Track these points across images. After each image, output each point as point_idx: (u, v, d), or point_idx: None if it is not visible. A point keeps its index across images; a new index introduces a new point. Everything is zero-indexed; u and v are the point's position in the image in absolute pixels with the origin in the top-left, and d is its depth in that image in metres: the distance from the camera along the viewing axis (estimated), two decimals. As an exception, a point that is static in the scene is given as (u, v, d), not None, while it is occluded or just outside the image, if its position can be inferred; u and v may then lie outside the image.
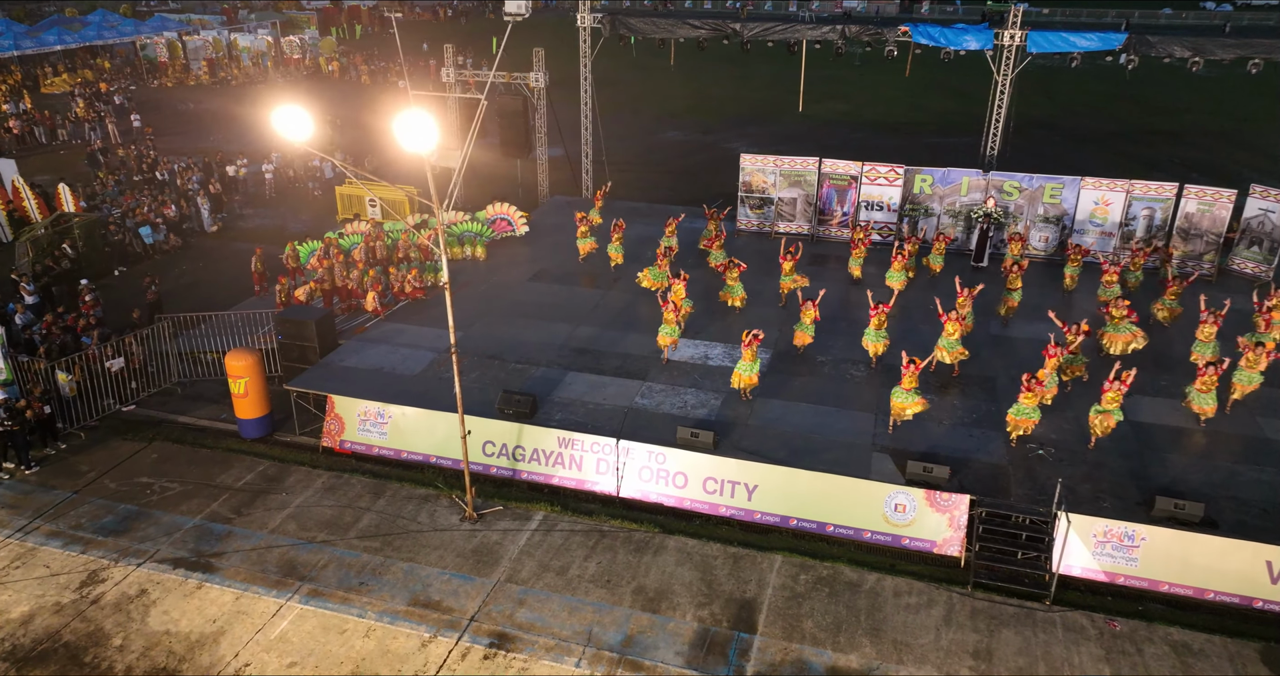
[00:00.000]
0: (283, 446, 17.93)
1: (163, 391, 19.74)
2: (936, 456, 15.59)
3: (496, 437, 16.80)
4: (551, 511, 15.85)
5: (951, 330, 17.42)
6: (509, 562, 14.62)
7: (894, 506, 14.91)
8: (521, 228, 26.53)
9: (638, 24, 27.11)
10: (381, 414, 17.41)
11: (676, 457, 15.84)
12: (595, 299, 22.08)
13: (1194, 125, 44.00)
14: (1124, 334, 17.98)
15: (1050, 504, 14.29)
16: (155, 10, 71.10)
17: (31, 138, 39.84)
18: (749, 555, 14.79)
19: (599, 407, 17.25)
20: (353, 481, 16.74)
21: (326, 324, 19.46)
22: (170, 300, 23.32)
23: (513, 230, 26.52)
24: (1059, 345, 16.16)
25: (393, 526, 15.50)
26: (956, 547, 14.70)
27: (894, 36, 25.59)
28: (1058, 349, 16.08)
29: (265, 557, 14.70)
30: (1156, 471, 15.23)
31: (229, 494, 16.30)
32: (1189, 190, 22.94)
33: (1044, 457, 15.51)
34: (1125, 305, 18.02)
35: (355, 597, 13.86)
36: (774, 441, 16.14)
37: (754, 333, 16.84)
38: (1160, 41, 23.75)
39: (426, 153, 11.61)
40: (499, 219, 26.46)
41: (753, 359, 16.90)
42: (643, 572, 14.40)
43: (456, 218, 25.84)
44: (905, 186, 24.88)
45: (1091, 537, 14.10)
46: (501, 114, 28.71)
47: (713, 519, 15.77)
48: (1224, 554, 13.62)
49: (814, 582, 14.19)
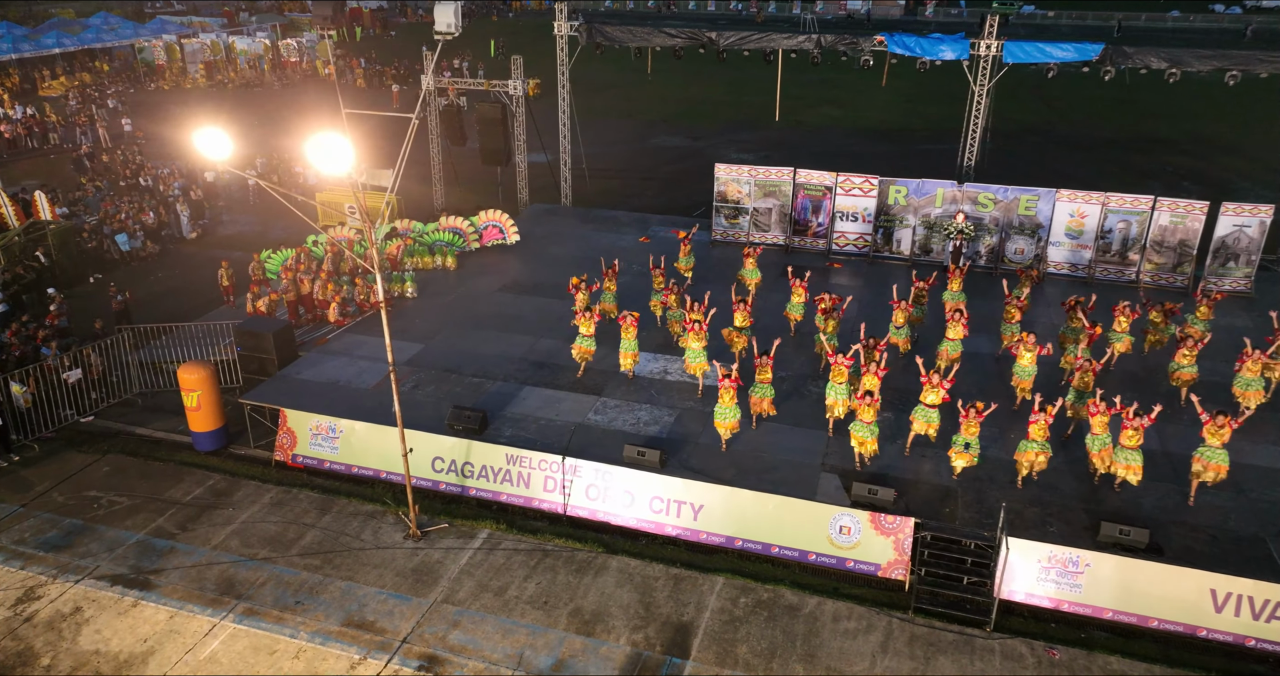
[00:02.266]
0: (236, 460, 17.88)
1: (123, 402, 19.72)
2: (886, 478, 15.41)
3: (445, 454, 16.70)
4: (497, 529, 15.73)
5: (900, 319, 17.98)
6: (448, 582, 14.51)
7: (839, 528, 14.73)
8: (513, 236, 26.33)
9: (614, 32, 26.97)
10: (333, 428, 17.34)
11: (623, 476, 15.70)
12: (561, 310, 21.89)
13: (1191, 131, 43.51)
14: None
15: (996, 528, 14.07)
16: (158, 13, 71.50)
17: (24, 141, 39.96)
18: (690, 577, 14.64)
19: (550, 423, 17.13)
20: (301, 496, 16.66)
21: (285, 336, 19.42)
22: (142, 308, 23.34)
23: (504, 238, 26.32)
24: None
25: (335, 544, 15.41)
26: (901, 571, 14.50)
27: (870, 46, 25.36)
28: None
29: (204, 575, 14.64)
30: (1108, 495, 14.99)
31: (176, 508, 16.25)
32: (1161, 202, 22.62)
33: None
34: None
35: (290, 617, 13.78)
36: (723, 460, 15.99)
37: (730, 373, 15.97)
38: (1137, 52, 23.47)
39: (345, 174, 11.51)
40: (490, 225, 26.32)
41: (731, 403, 16.00)
42: (581, 594, 14.27)
43: (450, 222, 25.82)
44: (880, 197, 24.65)
45: (1036, 563, 13.88)
46: (481, 121, 28.68)
47: (659, 538, 15.63)
48: (1168, 581, 13.39)
49: (753, 606, 14.02)
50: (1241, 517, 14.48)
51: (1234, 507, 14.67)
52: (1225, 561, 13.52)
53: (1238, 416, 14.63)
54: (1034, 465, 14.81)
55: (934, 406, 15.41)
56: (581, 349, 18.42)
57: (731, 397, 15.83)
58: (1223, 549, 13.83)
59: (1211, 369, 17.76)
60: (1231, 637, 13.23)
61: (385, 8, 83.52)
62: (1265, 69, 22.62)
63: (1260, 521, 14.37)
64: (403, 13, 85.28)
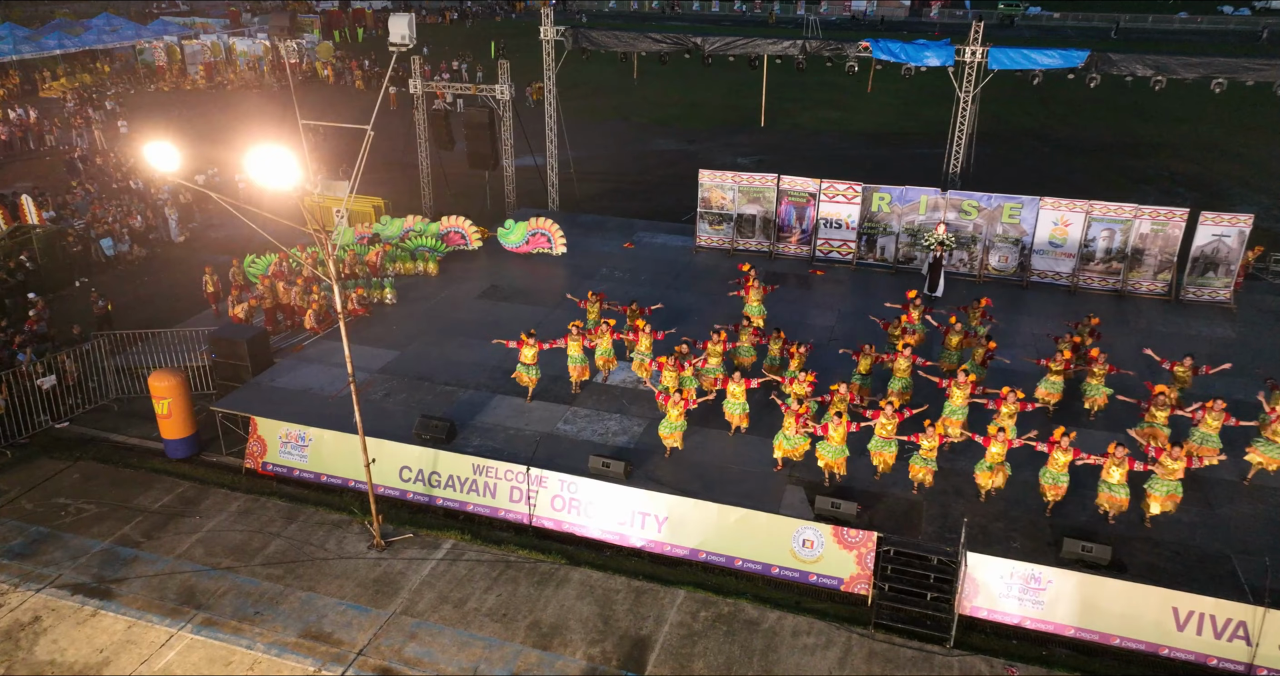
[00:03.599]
0: (207, 467, 17.90)
1: (99, 408, 19.76)
2: (851, 491, 15.31)
3: (413, 463, 16.67)
4: (461, 539, 15.69)
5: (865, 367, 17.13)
6: (409, 593, 14.48)
7: (802, 542, 14.64)
8: (560, 247, 25.68)
9: (600, 37, 26.92)
10: (302, 436, 17.34)
11: (588, 487, 15.65)
12: (539, 317, 21.88)
13: (1189, 136, 43.21)
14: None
15: (959, 543, 13.96)
16: (162, 13, 71.77)
17: (21, 143, 40.14)
18: (652, 589, 14.57)
19: (519, 433, 17.08)
20: (268, 505, 16.65)
21: (259, 343, 19.42)
22: (126, 313, 23.39)
23: (550, 248, 25.75)
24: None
25: (299, 553, 15.39)
26: (864, 585, 14.41)
27: (855, 52, 25.22)
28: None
29: (166, 584, 14.64)
30: (1075, 510, 14.84)
31: (143, 516, 16.27)
32: (1142, 210, 22.42)
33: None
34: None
35: (247, 628, 13.77)
36: (689, 471, 15.91)
37: (688, 395, 16.05)
38: (1122, 60, 23.26)
39: (291, 188, 11.48)
40: (538, 234, 25.72)
41: (679, 418, 16.04)
42: (541, 606, 14.21)
43: (452, 222, 25.77)
44: (864, 204, 24.52)
45: (998, 579, 13.77)
46: (468, 126, 28.65)
47: (624, 550, 15.57)
48: (1130, 599, 13.27)
49: (713, 620, 13.94)
50: (1207, 534, 14.33)
51: (1200, 524, 14.52)
52: (1189, 579, 13.39)
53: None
54: (993, 484, 14.69)
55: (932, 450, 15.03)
56: (577, 368, 18.12)
57: (680, 413, 15.76)
58: (1187, 566, 13.69)
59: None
60: (1194, 656, 13.10)
61: (389, 8, 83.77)
62: (1251, 77, 22.40)
63: (1226, 538, 14.22)
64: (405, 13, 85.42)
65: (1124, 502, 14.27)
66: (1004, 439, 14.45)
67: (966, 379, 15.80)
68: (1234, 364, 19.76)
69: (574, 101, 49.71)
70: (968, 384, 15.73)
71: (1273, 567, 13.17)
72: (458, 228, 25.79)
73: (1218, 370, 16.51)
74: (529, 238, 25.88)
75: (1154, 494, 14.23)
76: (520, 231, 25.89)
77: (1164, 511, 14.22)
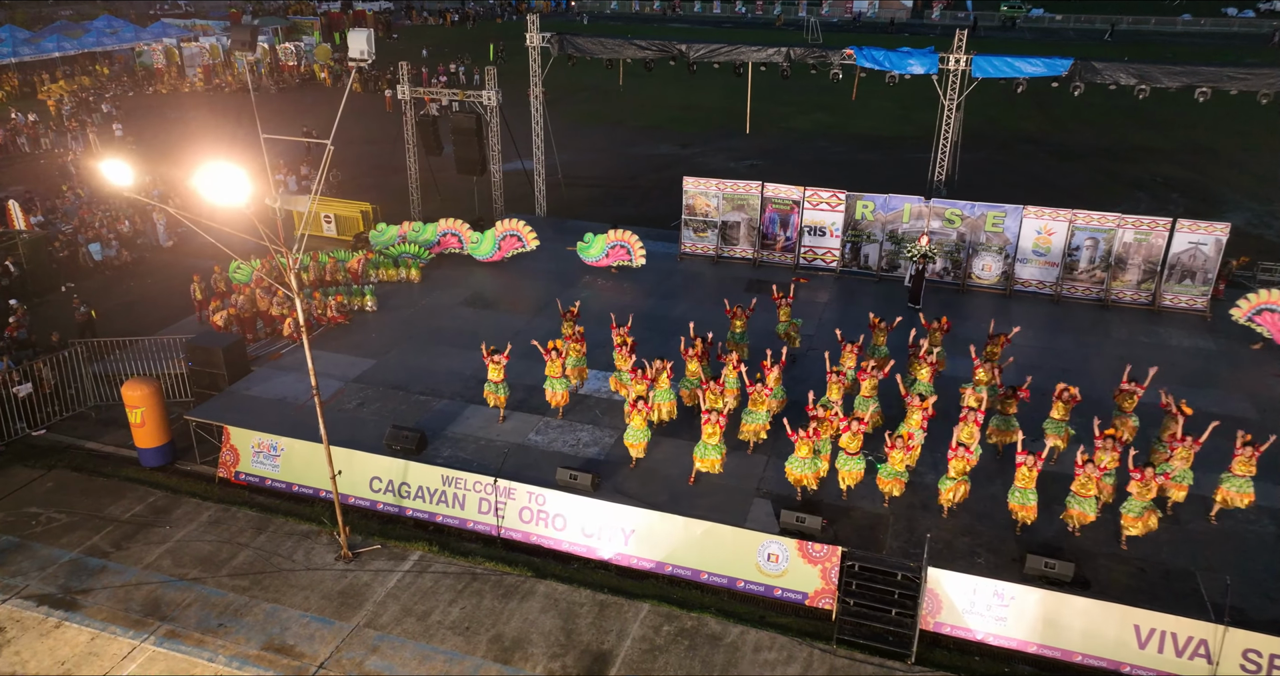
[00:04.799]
0: (181, 476, 17.93)
1: (76, 415, 19.82)
2: (818, 505, 15.28)
3: (383, 473, 16.69)
4: (429, 551, 15.69)
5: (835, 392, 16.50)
6: (373, 606, 14.49)
7: (767, 556, 14.61)
8: (532, 243, 25.66)
9: (585, 44, 26.91)
10: (274, 446, 17.37)
11: (555, 499, 15.65)
12: (519, 325, 21.89)
13: (1186, 141, 42.98)
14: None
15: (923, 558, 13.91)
16: (163, 14, 72.02)
17: (14, 147, 40.31)
18: (616, 603, 14.55)
19: (490, 444, 17.08)
20: (239, 515, 16.68)
21: (236, 351, 19.46)
22: (111, 318, 23.46)
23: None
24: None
25: (267, 564, 15.42)
26: (829, 600, 14.37)
27: (839, 60, 25.16)
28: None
29: (132, 595, 14.68)
30: (1042, 525, 14.76)
31: (114, 526, 16.31)
32: (1125, 219, 22.32)
33: None
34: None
35: (211, 640, 13.79)
36: (657, 484, 15.90)
37: (643, 400, 15.97)
38: (1105, 68, 23.16)
39: (241, 205, 11.49)
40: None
41: (642, 426, 15.97)
42: (504, 620, 14.21)
43: (458, 227, 25.72)
44: (847, 212, 24.46)
45: (961, 594, 13.72)
46: (455, 131, 28.68)
47: (591, 562, 15.55)
48: (1092, 616, 13.20)
49: (675, 634, 13.92)
50: (1174, 550, 14.26)
51: (1167, 540, 14.44)
52: (1152, 596, 13.33)
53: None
54: (956, 497, 14.65)
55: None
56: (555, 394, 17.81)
57: (642, 421, 15.75)
58: (1150, 583, 13.62)
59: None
60: (1155, 674, 13.02)
61: (391, 9, 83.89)
62: (1235, 86, 22.28)
63: (1192, 554, 14.15)
64: (407, 15, 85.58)
65: (1090, 516, 14.22)
66: (964, 455, 14.40)
67: (923, 403, 15.74)
68: (1210, 375, 19.80)
69: (572, 106, 49.90)
70: (925, 407, 15.67)
71: (1233, 586, 13.11)
72: (514, 231, 25.44)
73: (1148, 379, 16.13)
74: (501, 239, 25.77)
75: (1128, 515, 14.15)
76: (600, 244, 25.43)
77: (1146, 531, 14.11)
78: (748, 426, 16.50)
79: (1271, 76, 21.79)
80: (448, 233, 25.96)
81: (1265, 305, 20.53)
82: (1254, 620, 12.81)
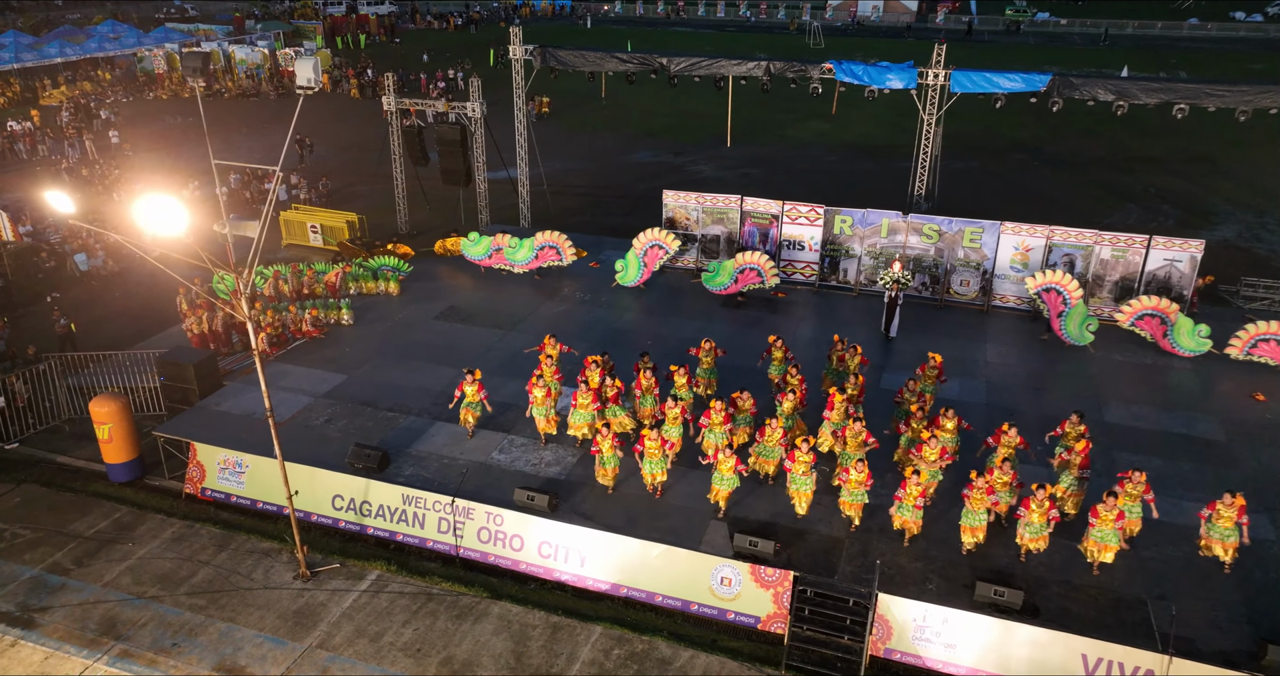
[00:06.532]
0: (149, 491, 18.03)
1: (50, 429, 19.97)
2: (775, 527, 15.28)
3: (345, 492, 16.77)
4: (387, 570, 15.75)
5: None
6: (327, 626, 14.55)
7: (720, 579, 14.62)
8: (570, 257, 25.42)
9: (567, 57, 26.97)
10: (239, 463, 17.47)
11: (513, 519, 15.68)
12: (492, 341, 21.97)
13: (1180, 150, 42.70)
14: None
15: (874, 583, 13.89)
16: (166, 19, 72.45)
17: (11, 154, 40.63)
18: (569, 625, 14.57)
19: (453, 463, 17.14)
20: (202, 532, 16.78)
21: (207, 366, 19.60)
22: (94, 328, 23.63)
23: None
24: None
25: (225, 582, 15.51)
26: (781, 625, 14.35)
27: (819, 74, 25.12)
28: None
29: (89, 613, 14.79)
30: (996, 551, 14.74)
31: (77, 543, 16.43)
32: (1102, 236, 22.21)
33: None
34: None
35: (163, 660, 13.89)
36: (615, 505, 15.93)
37: (611, 430, 16.09)
38: (1084, 84, 23.06)
39: (178, 235, 11.57)
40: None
41: (610, 451, 15.98)
42: (457, 641, 14.25)
43: (502, 240, 25.51)
44: (826, 227, 24.43)
45: (911, 621, 13.69)
46: (440, 142, 28.79)
47: (548, 583, 15.58)
48: (1040, 644, 13.15)
49: (625, 658, 13.93)
50: (1128, 577, 14.20)
51: (1123, 567, 14.37)
52: (1101, 625, 13.28)
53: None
54: (908, 528, 14.64)
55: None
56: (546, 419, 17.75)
57: (610, 447, 15.77)
58: (1101, 611, 13.57)
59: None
60: (1103, 704, 12.97)
61: (396, 13, 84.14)
62: (1213, 103, 22.14)
63: (1146, 582, 14.09)
64: (411, 18, 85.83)
65: (1044, 542, 14.21)
66: (918, 481, 14.39)
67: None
68: (1181, 395, 19.70)
69: (571, 113, 49.99)
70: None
71: (1186, 615, 13.06)
72: (553, 243, 25.13)
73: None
74: (539, 250, 25.32)
75: (1091, 539, 14.13)
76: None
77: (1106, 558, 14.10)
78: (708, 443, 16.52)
79: (1250, 93, 21.65)
80: (546, 245, 25.34)
81: (1261, 336, 20.25)
82: (1201, 652, 12.74)
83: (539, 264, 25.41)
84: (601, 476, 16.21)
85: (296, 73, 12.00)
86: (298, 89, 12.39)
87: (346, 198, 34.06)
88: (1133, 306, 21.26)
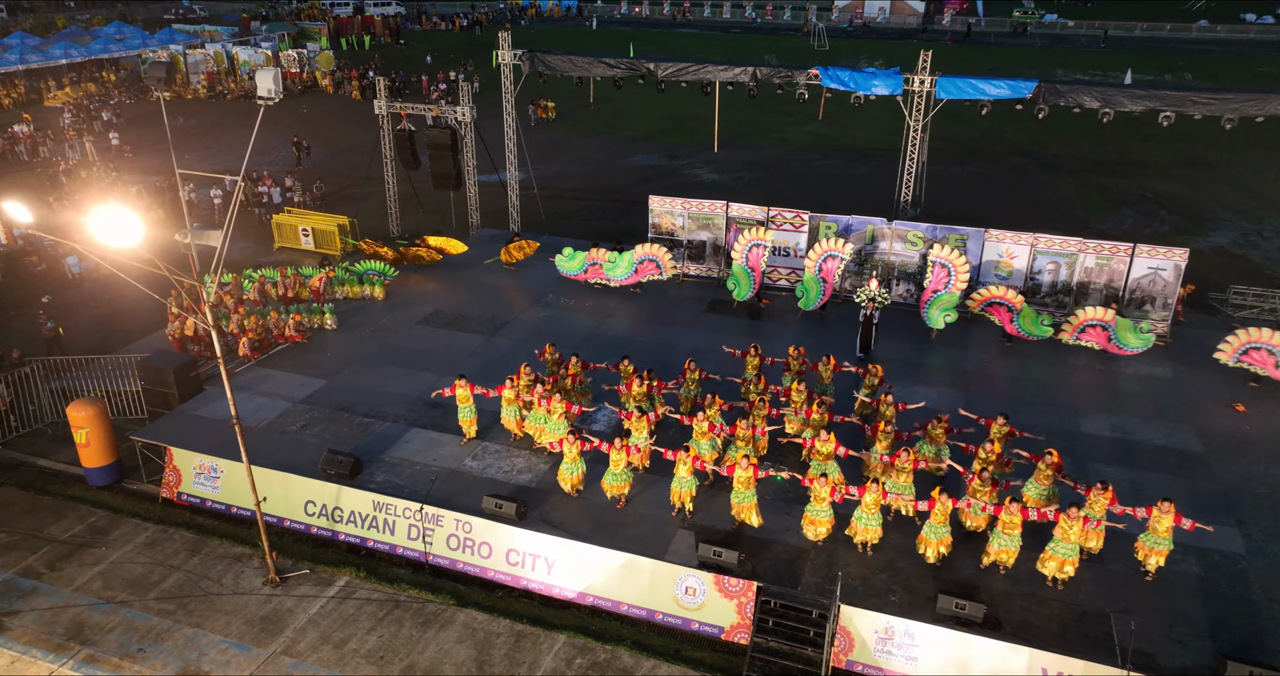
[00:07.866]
0: (126, 495, 18.16)
1: (33, 432, 20.12)
2: (740, 537, 15.27)
3: (318, 497, 16.84)
4: (356, 577, 15.81)
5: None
6: (292, 632, 14.62)
7: (685, 589, 14.62)
8: (670, 271, 24.90)
9: (556, 62, 26.99)
10: (215, 468, 17.57)
11: (482, 527, 15.72)
12: (474, 346, 22.02)
13: (1179, 154, 42.37)
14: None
15: (836, 595, 13.87)
16: (173, 20, 72.84)
17: (12, 156, 40.93)
18: (533, 633, 14.60)
19: (425, 469, 17.20)
20: (176, 536, 16.88)
21: (186, 371, 19.70)
22: (83, 331, 23.79)
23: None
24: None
25: (195, 587, 15.60)
26: (744, 635, 14.34)
27: (805, 79, 25.07)
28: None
29: (59, 618, 14.90)
30: (962, 563, 14.69)
31: (51, 546, 16.55)
32: (1086, 244, 22.10)
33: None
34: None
35: (128, 665, 13.98)
36: (583, 513, 15.95)
37: (584, 437, 16.21)
38: (1070, 91, 22.94)
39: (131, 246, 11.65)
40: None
41: (575, 459, 16.12)
42: (420, 649, 14.30)
43: (601, 256, 25.06)
44: (811, 233, 24.38)
45: (873, 633, 13.67)
46: (431, 147, 28.87)
47: (516, 591, 15.61)
48: (1001, 658, 13.11)
49: (587, 667, 13.95)
50: (1092, 591, 14.13)
51: (1088, 580, 14.30)
52: (1063, 638, 13.22)
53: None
54: (867, 539, 14.62)
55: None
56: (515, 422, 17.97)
57: (575, 454, 15.80)
58: (1063, 624, 13.51)
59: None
60: (1063, 718, 12.91)
61: (402, 14, 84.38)
62: (1199, 110, 21.98)
63: (1110, 595, 14.01)
64: (417, 19, 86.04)
65: (1013, 553, 14.20)
66: (877, 489, 14.37)
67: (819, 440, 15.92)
68: (1161, 406, 19.56)
69: (571, 115, 50.01)
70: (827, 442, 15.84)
71: (1148, 629, 13.00)
72: (653, 256, 24.75)
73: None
74: (639, 264, 24.92)
75: (1053, 554, 14.07)
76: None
77: (1063, 575, 14.03)
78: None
79: (1235, 101, 21.49)
80: (645, 259, 24.85)
81: (1251, 344, 20.10)
82: (1161, 667, 12.69)
83: (639, 278, 25.02)
84: (563, 482, 16.24)
85: (257, 83, 12.05)
86: (258, 100, 12.46)
87: (342, 201, 34.18)
88: (1073, 323, 21.47)
